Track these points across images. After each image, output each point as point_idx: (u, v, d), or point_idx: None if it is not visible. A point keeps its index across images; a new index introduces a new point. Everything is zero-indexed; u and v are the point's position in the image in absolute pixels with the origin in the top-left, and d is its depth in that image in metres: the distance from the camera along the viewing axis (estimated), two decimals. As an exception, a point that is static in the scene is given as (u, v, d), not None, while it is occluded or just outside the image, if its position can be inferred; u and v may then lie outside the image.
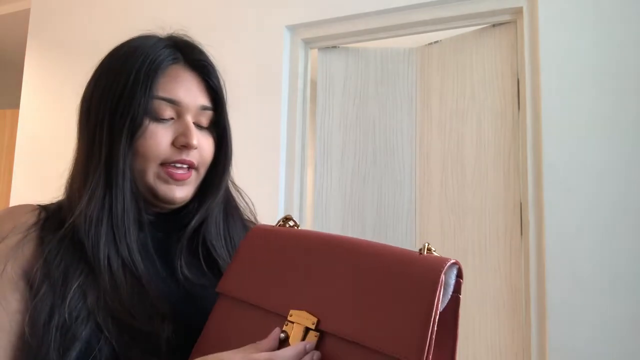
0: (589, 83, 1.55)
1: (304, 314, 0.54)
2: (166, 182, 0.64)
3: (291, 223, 0.64)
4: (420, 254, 0.57)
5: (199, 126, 0.67)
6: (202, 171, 0.68)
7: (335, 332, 0.51)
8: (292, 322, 0.54)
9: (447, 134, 1.90)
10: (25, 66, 2.59)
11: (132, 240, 0.61)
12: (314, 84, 2.07)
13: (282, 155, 1.98)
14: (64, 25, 2.53)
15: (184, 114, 0.65)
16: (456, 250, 1.83)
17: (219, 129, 0.69)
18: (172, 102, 0.64)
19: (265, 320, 0.56)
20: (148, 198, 0.65)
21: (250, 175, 1.97)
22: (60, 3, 2.56)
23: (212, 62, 0.70)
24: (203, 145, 0.67)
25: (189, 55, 0.68)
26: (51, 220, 0.63)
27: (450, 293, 0.54)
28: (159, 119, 0.63)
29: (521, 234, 1.67)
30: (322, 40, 2.04)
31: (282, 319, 0.55)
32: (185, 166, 0.64)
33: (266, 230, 0.64)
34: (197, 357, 0.54)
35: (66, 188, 0.67)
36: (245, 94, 2.05)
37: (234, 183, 0.76)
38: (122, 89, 0.62)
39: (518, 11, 1.72)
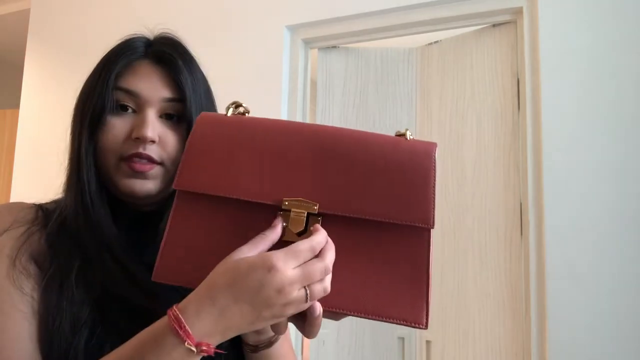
0: (588, 83, 1.55)
1: (301, 200, 0.51)
2: (127, 175, 0.63)
3: (241, 110, 0.60)
4: (404, 138, 0.59)
5: (167, 119, 0.66)
6: (170, 166, 0.65)
7: (343, 212, 0.51)
8: (288, 210, 0.51)
9: (447, 134, 1.90)
10: (25, 66, 2.59)
11: (108, 233, 0.62)
12: (314, 84, 2.07)
13: (282, 155, 1.98)
14: (64, 25, 2.53)
15: (144, 107, 0.64)
16: (456, 250, 1.83)
17: (185, 122, 0.66)
18: (131, 94, 0.64)
19: (246, 213, 0.52)
20: (117, 195, 0.65)
21: (250, 175, 1.97)
22: (60, 3, 2.56)
23: (180, 53, 0.68)
24: (167, 140, 0.64)
25: (155, 49, 0.67)
26: (49, 217, 0.64)
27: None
28: (118, 111, 0.64)
29: (521, 234, 1.67)
30: (322, 40, 2.04)
31: (270, 208, 0.51)
32: (145, 160, 0.63)
33: (217, 118, 0.58)
34: (166, 262, 0.52)
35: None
36: (245, 94, 2.05)
37: None
38: (89, 86, 0.65)
39: (518, 11, 1.72)
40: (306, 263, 0.47)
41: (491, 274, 1.73)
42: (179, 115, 0.66)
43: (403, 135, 0.59)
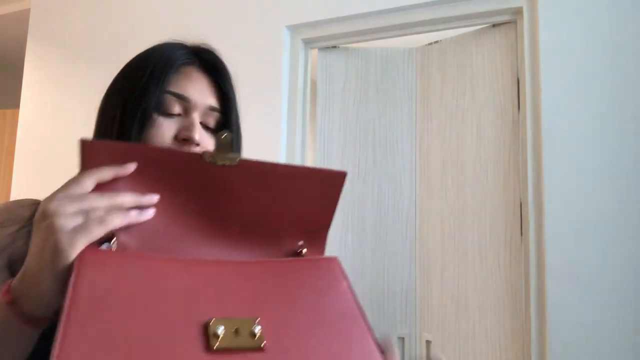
0: (588, 83, 1.55)
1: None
2: None
3: (114, 246, 0.48)
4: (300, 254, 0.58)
5: (206, 127, 0.68)
6: None
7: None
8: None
9: (447, 134, 1.90)
10: (25, 66, 2.59)
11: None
12: (314, 84, 2.07)
13: (282, 155, 1.98)
14: (64, 25, 2.53)
15: (191, 111, 0.66)
16: (456, 250, 1.83)
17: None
18: (181, 98, 0.66)
19: None
20: None
21: (250, 175, 1.97)
22: (60, 3, 2.56)
23: (226, 67, 0.72)
24: (206, 146, 0.67)
25: (204, 58, 0.70)
26: None
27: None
28: (167, 113, 0.65)
29: (521, 234, 1.67)
30: (322, 40, 2.04)
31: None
32: None
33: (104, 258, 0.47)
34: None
35: None
36: (245, 94, 2.05)
37: None
38: (137, 84, 0.64)
39: (518, 11, 1.72)
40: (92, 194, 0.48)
41: (491, 274, 1.73)
42: (216, 127, 0.69)
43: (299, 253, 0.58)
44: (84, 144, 0.50)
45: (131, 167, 0.51)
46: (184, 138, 0.64)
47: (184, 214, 0.53)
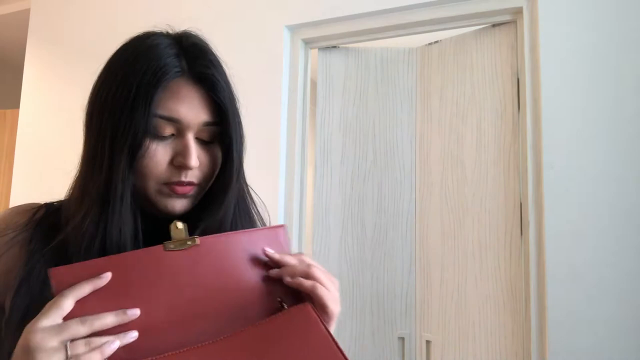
0: (588, 83, 1.55)
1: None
2: (168, 196, 0.63)
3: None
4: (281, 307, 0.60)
5: (202, 141, 0.65)
6: (205, 184, 0.67)
7: None
8: None
9: (447, 134, 1.90)
10: (25, 66, 2.59)
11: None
12: (314, 84, 2.07)
13: (282, 155, 1.98)
14: (64, 25, 2.52)
15: (184, 131, 0.63)
16: (456, 250, 1.83)
17: (222, 144, 0.67)
18: (173, 121, 0.62)
19: None
20: (146, 208, 0.64)
21: (250, 176, 1.97)
22: (60, 3, 2.56)
23: (219, 72, 0.66)
24: (202, 161, 0.65)
25: (194, 67, 0.64)
26: (46, 220, 0.62)
27: None
28: (159, 136, 0.61)
29: (521, 234, 1.67)
30: (322, 40, 2.04)
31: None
32: (184, 184, 0.63)
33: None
34: None
35: (69, 191, 0.65)
36: (245, 94, 2.05)
37: (251, 196, 0.73)
38: (124, 102, 0.60)
39: (518, 11, 1.72)
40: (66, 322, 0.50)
41: (491, 274, 1.73)
42: (212, 139, 0.66)
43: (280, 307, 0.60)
44: (52, 274, 0.52)
45: (107, 277, 0.52)
46: (179, 165, 0.62)
47: (163, 306, 0.55)
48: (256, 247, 0.61)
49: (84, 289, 0.51)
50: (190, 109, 0.62)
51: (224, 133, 0.66)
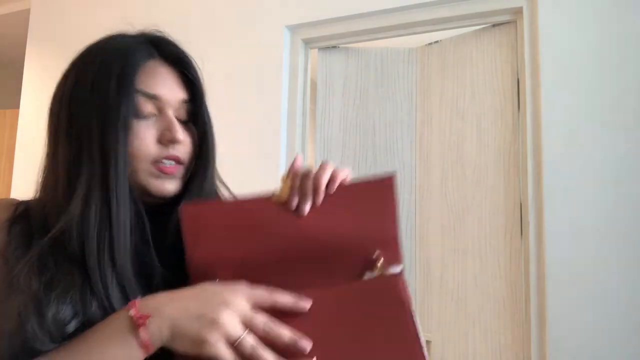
0: (588, 83, 1.55)
1: None
2: (158, 177, 0.64)
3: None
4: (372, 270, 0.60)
5: (179, 120, 0.67)
6: (189, 165, 0.67)
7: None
8: None
9: (447, 134, 1.90)
10: (25, 66, 2.59)
11: (127, 246, 0.60)
12: (314, 84, 2.07)
13: (282, 155, 1.98)
14: (64, 25, 2.53)
15: (165, 109, 0.65)
16: (456, 250, 1.83)
17: (199, 122, 0.69)
18: (154, 98, 0.64)
19: None
20: (138, 195, 0.64)
21: (250, 175, 1.97)
22: (60, 3, 2.56)
23: (188, 54, 0.70)
24: (185, 139, 0.66)
25: (164, 50, 0.68)
26: (20, 222, 0.62)
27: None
28: (141, 116, 0.63)
29: (521, 234, 1.67)
30: (322, 40, 2.04)
31: None
32: (172, 162, 0.64)
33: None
34: None
35: (40, 191, 0.65)
36: (245, 94, 2.05)
37: (221, 181, 0.75)
38: (107, 92, 0.62)
39: (518, 11, 1.72)
40: (260, 313, 0.52)
41: (491, 274, 1.73)
42: (189, 118, 0.68)
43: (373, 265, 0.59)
44: (185, 210, 0.61)
45: (307, 306, 0.54)
46: (168, 140, 0.63)
47: (268, 251, 0.59)
48: (363, 199, 0.61)
49: (286, 300, 0.54)
50: (167, 86, 0.65)
51: (197, 112, 0.68)
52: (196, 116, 0.68)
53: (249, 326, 0.51)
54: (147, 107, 0.64)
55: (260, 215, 0.61)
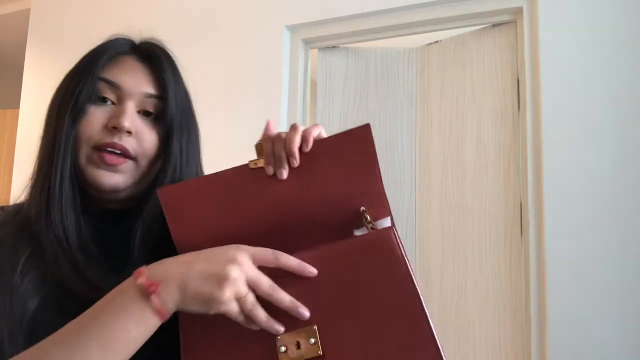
0: (588, 83, 1.55)
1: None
2: (97, 165, 0.62)
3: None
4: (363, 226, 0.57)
5: (145, 115, 0.65)
6: (143, 163, 0.64)
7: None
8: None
9: (447, 134, 1.90)
10: (25, 66, 2.59)
11: (68, 223, 0.61)
12: (314, 84, 2.07)
13: (282, 155, 1.98)
14: (64, 25, 2.52)
15: (124, 99, 0.64)
16: (456, 250, 1.83)
17: (165, 119, 0.66)
18: (113, 85, 0.64)
19: None
20: (85, 188, 0.64)
21: (250, 175, 1.97)
22: (60, 3, 2.56)
23: (166, 55, 0.69)
24: (143, 135, 0.64)
25: (140, 47, 0.69)
26: (8, 224, 0.64)
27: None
28: (98, 102, 0.63)
29: (521, 234, 1.67)
30: (322, 40, 2.04)
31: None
32: (117, 151, 0.62)
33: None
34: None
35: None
36: (245, 94, 2.05)
37: None
38: (71, 78, 0.64)
39: (518, 11, 1.72)
40: (263, 274, 0.52)
41: (491, 274, 1.73)
42: (157, 114, 0.66)
43: (362, 218, 0.57)
44: (160, 192, 0.59)
45: (313, 272, 0.53)
46: (113, 126, 0.62)
47: (255, 220, 0.58)
48: (341, 152, 0.58)
49: (291, 263, 0.53)
50: (131, 77, 0.65)
51: (164, 109, 0.66)
52: (163, 113, 0.66)
53: (253, 286, 0.51)
54: (107, 94, 0.64)
55: (240, 187, 0.59)
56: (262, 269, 0.52)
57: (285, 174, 0.58)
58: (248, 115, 2.03)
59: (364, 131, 0.58)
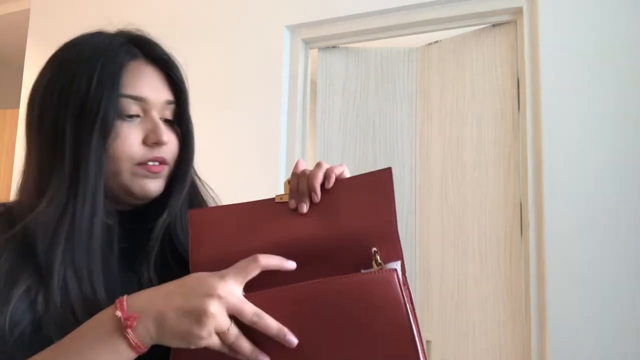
0: (588, 83, 1.55)
1: None
2: (143, 177, 0.64)
3: None
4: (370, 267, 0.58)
5: (164, 121, 0.67)
6: (171, 165, 0.68)
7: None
8: None
9: (447, 134, 1.90)
10: (25, 66, 2.59)
11: (95, 247, 0.59)
12: (314, 84, 2.07)
13: (282, 155, 1.98)
14: (64, 25, 2.52)
15: (150, 111, 0.65)
16: (456, 250, 1.83)
17: (182, 122, 0.69)
18: (139, 100, 0.63)
19: None
20: (118, 196, 0.64)
21: (250, 175, 1.97)
22: (60, 3, 2.56)
23: (171, 55, 0.69)
24: (171, 140, 0.66)
25: (147, 50, 0.67)
26: (4, 217, 0.62)
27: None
28: (125, 117, 0.62)
29: (521, 234, 1.67)
30: (322, 40, 2.04)
31: None
32: (157, 162, 0.65)
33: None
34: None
35: (18, 191, 0.67)
36: (245, 94, 2.05)
37: (200, 178, 0.75)
38: (86, 92, 0.60)
39: (518, 11, 1.72)
40: (247, 303, 0.52)
41: (491, 274, 1.73)
42: (173, 118, 0.68)
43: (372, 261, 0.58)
44: (192, 214, 0.64)
45: (292, 266, 0.55)
46: (154, 142, 0.63)
47: (272, 251, 0.59)
48: (360, 191, 0.60)
49: (273, 262, 0.54)
50: (152, 87, 0.65)
51: (182, 112, 0.69)
52: (180, 117, 0.68)
53: (236, 315, 0.51)
54: (132, 108, 0.63)
55: (262, 217, 0.62)
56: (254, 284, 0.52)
57: (305, 208, 0.60)
58: (248, 115, 2.03)
59: (385, 174, 0.60)
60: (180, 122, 0.69)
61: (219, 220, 0.63)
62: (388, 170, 0.60)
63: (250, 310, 0.51)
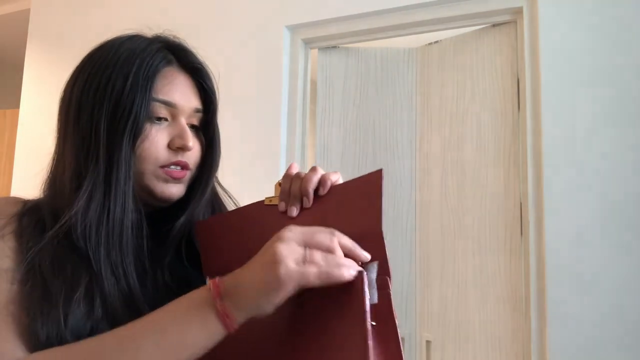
0: (588, 83, 1.55)
1: None
2: (164, 180, 0.65)
3: None
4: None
5: (190, 127, 0.68)
6: (194, 170, 0.69)
7: None
8: None
9: (447, 134, 1.90)
10: (25, 66, 2.59)
11: (128, 245, 0.62)
12: (314, 84, 2.07)
13: (282, 155, 1.98)
14: (64, 25, 2.52)
15: (178, 116, 0.66)
16: (456, 250, 1.83)
17: (209, 131, 0.71)
18: (169, 105, 0.65)
19: None
20: (142, 197, 0.66)
21: (250, 175, 1.97)
22: (60, 3, 2.56)
23: (204, 64, 0.71)
24: (195, 147, 0.68)
25: (182, 58, 0.69)
26: (30, 216, 0.63)
27: (376, 292, 0.54)
28: (154, 120, 0.64)
29: (521, 234, 1.67)
30: (322, 40, 2.04)
31: None
32: (179, 167, 0.66)
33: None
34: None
35: (48, 187, 0.68)
36: (245, 94, 2.05)
37: (220, 184, 0.77)
38: (120, 92, 0.62)
39: (518, 11, 1.72)
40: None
41: (491, 273, 1.73)
42: (199, 125, 0.70)
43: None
44: (198, 225, 0.68)
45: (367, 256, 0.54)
46: (179, 147, 0.65)
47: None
48: (349, 194, 0.60)
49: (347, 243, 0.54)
50: (183, 94, 0.67)
51: (209, 121, 0.71)
52: (207, 125, 0.70)
53: (311, 244, 0.51)
54: (162, 112, 0.65)
55: (256, 220, 0.63)
56: None
57: (295, 211, 0.61)
58: (248, 115, 2.03)
59: (375, 175, 0.59)
60: (207, 130, 0.70)
61: (221, 229, 0.65)
62: (378, 172, 0.59)
63: (323, 233, 0.51)
